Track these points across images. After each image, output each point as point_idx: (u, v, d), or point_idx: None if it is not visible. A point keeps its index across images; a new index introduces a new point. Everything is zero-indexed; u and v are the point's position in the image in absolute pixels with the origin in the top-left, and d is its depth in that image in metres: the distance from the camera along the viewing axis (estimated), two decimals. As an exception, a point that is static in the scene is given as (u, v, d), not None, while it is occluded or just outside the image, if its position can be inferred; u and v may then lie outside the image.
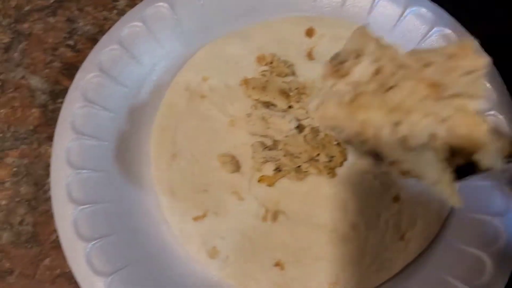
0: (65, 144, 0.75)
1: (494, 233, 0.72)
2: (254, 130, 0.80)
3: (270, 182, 0.79)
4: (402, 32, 0.88)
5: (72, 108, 0.78)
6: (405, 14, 0.87)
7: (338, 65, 0.52)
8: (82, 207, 0.73)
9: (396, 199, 0.78)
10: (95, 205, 0.74)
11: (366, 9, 0.89)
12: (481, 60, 0.46)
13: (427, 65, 0.46)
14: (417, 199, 0.78)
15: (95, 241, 0.71)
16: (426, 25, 0.86)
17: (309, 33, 0.89)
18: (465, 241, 0.73)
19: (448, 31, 0.85)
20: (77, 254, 0.70)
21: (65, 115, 0.77)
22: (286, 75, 0.85)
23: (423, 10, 0.87)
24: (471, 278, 0.70)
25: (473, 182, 0.73)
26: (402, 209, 0.77)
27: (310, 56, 0.88)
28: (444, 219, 0.77)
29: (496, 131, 0.43)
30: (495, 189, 0.75)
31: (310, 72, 0.86)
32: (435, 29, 0.86)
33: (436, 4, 0.88)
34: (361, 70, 0.47)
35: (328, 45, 0.88)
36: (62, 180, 0.74)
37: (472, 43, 0.48)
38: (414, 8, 0.87)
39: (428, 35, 0.86)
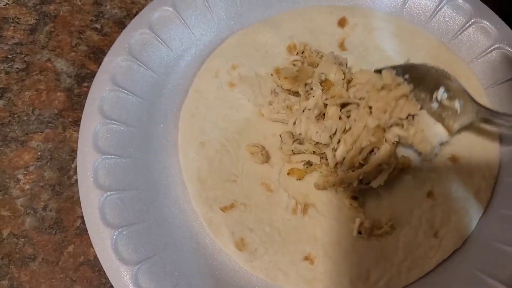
0: (92, 128, 0.74)
1: (532, 232, 0.70)
2: (276, 117, 0.78)
3: (299, 175, 0.77)
4: (439, 23, 0.85)
5: (101, 92, 0.76)
6: (441, 5, 0.85)
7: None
8: (109, 193, 0.71)
9: (430, 194, 0.76)
10: (122, 192, 0.72)
11: (401, 0, 0.87)
12: (405, 88, 0.73)
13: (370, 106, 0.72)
14: (452, 195, 0.75)
15: (122, 229, 0.70)
16: (463, 16, 0.84)
17: (342, 23, 0.87)
18: (502, 240, 0.71)
19: (485, 23, 0.83)
20: (103, 241, 0.68)
21: (93, 99, 0.76)
22: (318, 65, 0.83)
23: (460, 1, 0.85)
24: (508, 277, 0.68)
25: (511, 179, 0.71)
26: (436, 206, 0.75)
27: (342, 46, 0.86)
28: (479, 216, 0.74)
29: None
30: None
31: (342, 63, 0.84)
32: (472, 20, 0.83)
33: (473, -5, 0.85)
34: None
35: (360, 35, 0.86)
36: (89, 165, 0.72)
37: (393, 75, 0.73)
38: (451, -1, 0.85)
39: (465, 27, 0.83)
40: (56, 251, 0.76)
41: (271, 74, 0.80)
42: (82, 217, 0.72)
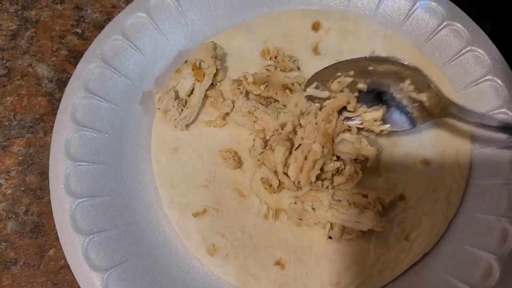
0: (64, 135, 0.74)
1: (502, 235, 0.70)
2: (240, 121, 0.78)
3: (269, 191, 0.77)
4: (412, 26, 0.86)
5: (73, 99, 0.76)
6: (414, 7, 0.85)
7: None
8: (80, 200, 0.72)
9: (402, 198, 0.76)
10: (93, 199, 0.72)
11: (375, 2, 0.87)
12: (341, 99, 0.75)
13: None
14: (423, 198, 0.75)
15: (93, 235, 0.70)
16: (436, 19, 0.84)
17: (316, 27, 0.87)
18: (472, 243, 0.71)
19: (458, 25, 0.83)
20: (74, 248, 0.69)
21: (66, 106, 0.76)
22: (291, 70, 0.83)
23: (433, 4, 0.85)
24: (477, 281, 0.68)
25: (482, 181, 0.71)
26: (407, 209, 0.75)
27: (316, 50, 0.86)
28: (450, 219, 0.74)
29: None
30: (504, 189, 0.73)
31: (315, 67, 0.83)
32: (445, 23, 0.83)
33: (446, -1, 0.85)
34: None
35: (334, 39, 0.86)
36: (61, 172, 0.72)
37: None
38: (424, 2, 0.85)
39: (437, 30, 0.83)
40: (37, 255, 0.77)
41: (240, 80, 0.79)
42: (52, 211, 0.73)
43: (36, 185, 0.80)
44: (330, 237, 0.72)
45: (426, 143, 0.79)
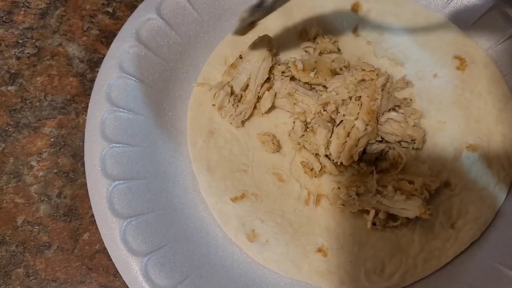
0: (99, 116, 0.72)
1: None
2: (279, 104, 0.76)
3: (310, 175, 0.74)
4: (456, 8, 0.82)
5: (108, 79, 0.74)
6: (460, -11, 0.82)
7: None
8: (117, 182, 0.69)
9: (447, 184, 0.73)
10: (130, 181, 0.70)
11: (417, -17, 0.84)
12: (383, 78, 0.71)
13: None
14: (469, 185, 0.73)
15: (131, 219, 0.68)
16: (484, 1, 0.80)
17: (355, 7, 0.84)
18: (521, 232, 0.69)
19: (507, 8, 0.79)
20: (112, 232, 0.67)
21: (100, 85, 0.74)
22: (331, 51, 0.81)
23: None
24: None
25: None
26: (453, 196, 0.73)
27: (355, 32, 0.83)
28: (498, 207, 0.72)
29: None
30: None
31: (355, 49, 0.81)
32: (493, 5, 0.80)
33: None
34: None
35: (375, 21, 0.83)
36: (97, 154, 0.70)
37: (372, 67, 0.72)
38: (470, -17, 0.81)
39: (485, 13, 0.80)
40: (71, 239, 0.75)
41: (288, 66, 0.77)
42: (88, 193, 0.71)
43: (68, 167, 0.78)
44: (374, 224, 0.70)
45: (472, 128, 0.76)
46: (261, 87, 0.76)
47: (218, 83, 0.76)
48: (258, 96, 0.76)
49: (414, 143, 0.72)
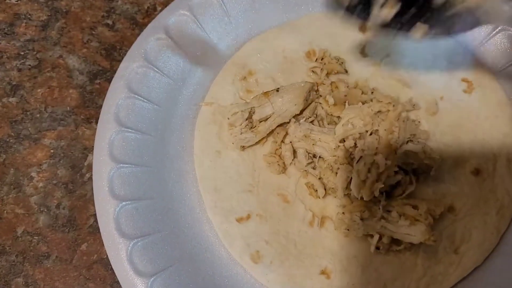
0: (108, 137, 0.73)
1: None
2: (298, 146, 0.76)
3: (314, 196, 0.75)
4: (464, 30, 0.82)
5: (116, 99, 0.75)
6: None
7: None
8: (124, 203, 0.71)
9: (451, 209, 0.74)
10: (137, 202, 0.72)
11: (425, 4, 0.83)
12: (399, 108, 0.71)
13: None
14: (473, 210, 0.73)
15: (137, 239, 0.69)
16: (490, 24, 0.80)
17: (363, 28, 0.84)
18: (525, 258, 0.69)
19: (513, 31, 0.79)
20: (118, 252, 0.68)
21: (109, 106, 0.75)
22: (338, 72, 0.81)
23: (487, 7, 0.81)
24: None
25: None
26: (457, 221, 0.73)
27: (363, 52, 0.83)
28: (502, 233, 0.72)
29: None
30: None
31: (363, 69, 0.82)
32: (500, 28, 0.80)
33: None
34: None
35: (382, 41, 0.83)
36: (105, 175, 0.71)
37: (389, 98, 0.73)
38: (477, 6, 0.81)
39: (492, 35, 0.80)
40: (70, 249, 0.77)
41: (319, 103, 0.78)
42: (95, 215, 0.72)
43: (68, 179, 0.80)
44: (377, 248, 0.70)
45: (477, 151, 0.76)
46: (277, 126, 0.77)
47: (244, 103, 0.77)
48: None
49: (430, 170, 0.72)
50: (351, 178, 0.70)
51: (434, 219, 0.71)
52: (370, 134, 0.71)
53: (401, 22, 0.62)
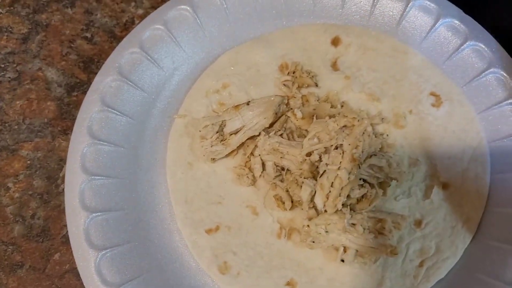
0: (80, 149, 0.75)
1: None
2: (267, 158, 0.77)
3: (281, 208, 0.76)
4: (433, 44, 0.84)
5: (90, 112, 0.77)
6: (437, 25, 0.83)
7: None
8: (94, 214, 0.72)
9: (418, 223, 0.75)
10: (108, 213, 0.73)
11: (396, 18, 0.85)
12: (364, 123, 0.73)
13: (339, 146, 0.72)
14: (439, 224, 0.74)
15: (106, 251, 0.71)
16: (458, 38, 0.82)
17: (335, 42, 0.86)
18: (487, 272, 0.70)
19: (481, 45, 0.81)
20: (87, 263, 0.70)
21: (82, 119, 0.76)
22: (309, 85, 0.82)
23: (456, 22, 0.82)
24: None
25: (499, 209, 0.70)
26: (423, 234, 0.74)
27: (334, 66, 0.85)
28: (465, 247, 0.73)
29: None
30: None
31: (334, 83, 0.83)
32: (468, 43, 0.81)
33: (470, 17, 0.83)
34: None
35: (354, 55, 0.85)
36: (76, 186, 0.73)
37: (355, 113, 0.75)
38: (447, 20, 0.83)
39: (460, 49, 0.81)
40: (43, 259, 0.78)
41: (288, 116, 0.79)
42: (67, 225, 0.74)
43: (43, 189, 0.82)
44: (342, 260, 0.71)
45: (445, 167, 0.77)
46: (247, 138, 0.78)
47: (215, 116, 0.78)
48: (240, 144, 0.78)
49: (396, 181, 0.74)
50: (315, 191, 0.71)
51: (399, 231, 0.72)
52: (335, 148, 0.72)
53: None
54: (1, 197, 0.81)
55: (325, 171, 0.71)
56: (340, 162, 0.70)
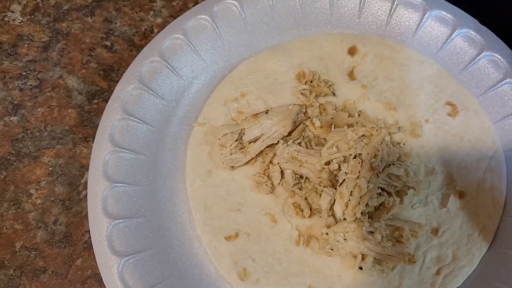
0: (102, 157, 0.76)
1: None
2: (285, 167, 0.78)
3: (300, 216, 0.77)
4: (449, 54, 0.85)
5: (111, 120, 0.78)
6: (453, 36, 0.84)
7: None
8: (117, 221, 0.73)
9: (434, 231, 0.76)
10: (130, 220, 0.74)
11: (412, 29, 0.86)
12: (382, 132, 0.73)
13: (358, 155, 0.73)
14: (456, 232, 0.75)
15: (128, 257, 0.72)
16: (474, 48, 0.83)
17: (352, 51, 0.87)
18: (503, 280, 0.71)
19: (497, 56, 0.82)
20: (110, 269, 0.71)
21: (104, 127, 0.78)
22: (326, 94, 0.84)
23: (472, 33, 0.83)
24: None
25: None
26: (440, 242, 0.75)
27: (351, 75, 0.86)
28: (482, 255, 0.74)
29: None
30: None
31: (350, 92, 0.84)
32: (484, 53, 0.82)
33: (486, 28, 0.84)
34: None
35: (370, 65, 0.86)
36: (99, 194, 0.74)
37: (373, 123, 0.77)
38: (463, 30, 0.84)
39: (476, 59, 0.82)
40: (65, 264, 0.80)
41: (306, 125, 0.81)
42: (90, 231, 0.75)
43: (65, 196, 0.83)
44: (360, 268, 0.72)
45: (461, 175, 0.78)
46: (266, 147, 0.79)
47: (234, 125, 0.80)
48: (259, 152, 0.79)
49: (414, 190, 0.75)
50: (335, 200, 0.72)
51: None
52: (354, 157, 0.73)
53: None
54: (24, 203, 0.82)
55: (344, 180, 0.72)
56: (359, 171, 0.71)
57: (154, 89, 0.81)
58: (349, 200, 0.71)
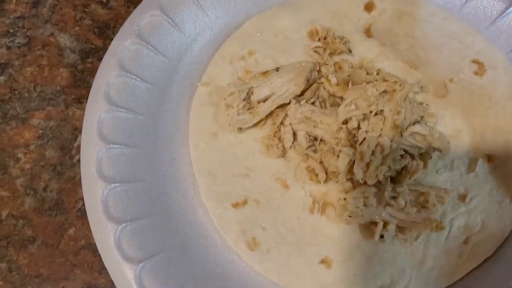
0: (97, 116, 0.69)
1: None
2: (298, 128, 0.71)
3: (315, 181, 0.71)
4: (475, 9, 0.78)
5: (107, 77, 0.71)
6: (479, -12, 0.77)
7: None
8: (113, 185, 0.67)
9: (462, 197, 0.69)
10: (127, 184, 0.68)
11: (434, -18, 0.79)
12: (405, 88, 0.66)
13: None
14: (485, 199, 0.69)
15: (126, 224, 0.65)
16: (503, 2, 0.76)
17: (369, 7, 0.80)
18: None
19: (528, 10, 0.75)
20: (106, 237, 0.64)
21: (99, 84, 0.71)
22: (341, 52, 0.77)
23: (501, -15, 0.77)
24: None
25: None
26: (468, 210, 0.68)
27: (368, 32, 0.79)
28: (515, 223, 0.68)
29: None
30: None
31: (367, 51, 0.77)
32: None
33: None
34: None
35: (389, 21, 0.79)
36: (93, 155, 0.68)
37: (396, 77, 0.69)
38: (489, -17, 0.77)
39: (505, 13, 0.76)
40: (56, 234, 0.73)
41: (322, 83, 0.73)
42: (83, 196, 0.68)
43: (56, 160, 0.76)
44: (382, 236, 0.66)
45: (490, 138, 0.71)
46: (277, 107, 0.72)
47: (242, 83, 0.73)
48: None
49: (439, 152, 0.68)
50: (354, 161, 0.66)
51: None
52: (375, 114, 0.66)
53: None
54: (11, 169, 0.75)
55: (365, 138, 0.65)
56: (381, 129, 0.65)
57: (153, 45, 0.74)
58: (371, 160, 0.64)
